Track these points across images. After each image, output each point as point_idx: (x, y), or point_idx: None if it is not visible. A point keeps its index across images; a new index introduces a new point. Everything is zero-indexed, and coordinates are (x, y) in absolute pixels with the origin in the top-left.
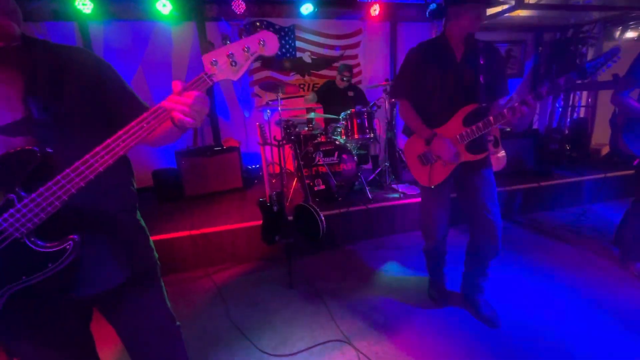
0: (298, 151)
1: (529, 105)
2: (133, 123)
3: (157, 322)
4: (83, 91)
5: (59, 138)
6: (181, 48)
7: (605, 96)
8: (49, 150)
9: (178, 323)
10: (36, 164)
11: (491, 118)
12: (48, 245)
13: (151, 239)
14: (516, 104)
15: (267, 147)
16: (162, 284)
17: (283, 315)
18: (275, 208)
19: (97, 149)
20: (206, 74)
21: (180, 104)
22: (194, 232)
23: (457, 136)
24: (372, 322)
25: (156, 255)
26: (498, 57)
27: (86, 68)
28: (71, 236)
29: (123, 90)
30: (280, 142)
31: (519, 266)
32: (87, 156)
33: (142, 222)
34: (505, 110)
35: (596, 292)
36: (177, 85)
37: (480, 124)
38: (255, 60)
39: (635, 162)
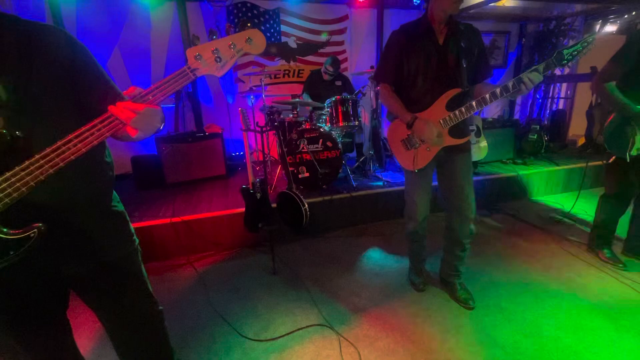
0: (282, 138)
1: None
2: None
3: (138, 305)
4: (54, 73)
5: (28, 122)
6: (161, 30)
7: (583, 88)
8: (18, 133)
9: (160, 307)
10: (4, 147)
11: (474, 103)
12: (12, 232)
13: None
14: (497, 90)
15: (251, 134)
16: (143, 268)
17: (265, 301)
18: (258, 195)
19: (70, 136)
20: (189, 67)
21: (127, 112)
22: (175, 219)
23: (440, 120)
24: (353, 306)
25: (136, 239)
26: (479, 39)
27: (59, 48)
28: (36, 224)
29: (97, 76)
30: (263, 129)
31: (496, 253)
32: (59, 143)
33: (120, 207)
34: (487, 95)
35: (568, 276)
36: (133, 91)
37: (463, 109)
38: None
39: (611, 160)
